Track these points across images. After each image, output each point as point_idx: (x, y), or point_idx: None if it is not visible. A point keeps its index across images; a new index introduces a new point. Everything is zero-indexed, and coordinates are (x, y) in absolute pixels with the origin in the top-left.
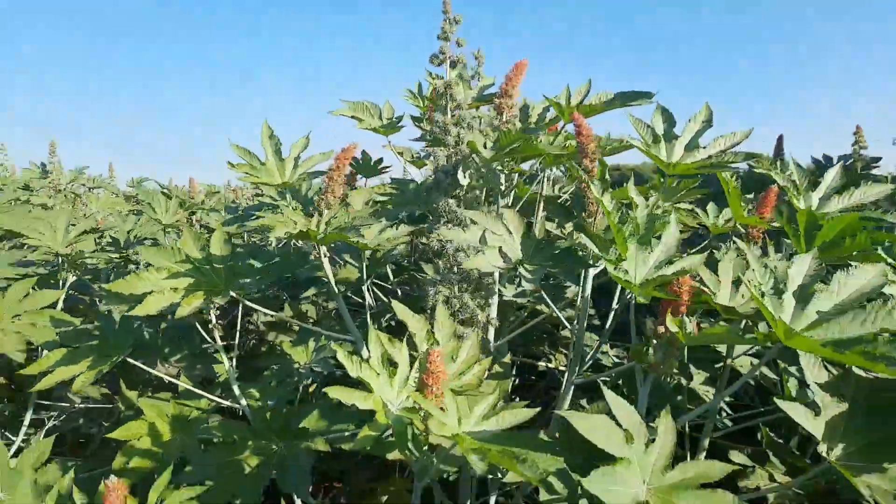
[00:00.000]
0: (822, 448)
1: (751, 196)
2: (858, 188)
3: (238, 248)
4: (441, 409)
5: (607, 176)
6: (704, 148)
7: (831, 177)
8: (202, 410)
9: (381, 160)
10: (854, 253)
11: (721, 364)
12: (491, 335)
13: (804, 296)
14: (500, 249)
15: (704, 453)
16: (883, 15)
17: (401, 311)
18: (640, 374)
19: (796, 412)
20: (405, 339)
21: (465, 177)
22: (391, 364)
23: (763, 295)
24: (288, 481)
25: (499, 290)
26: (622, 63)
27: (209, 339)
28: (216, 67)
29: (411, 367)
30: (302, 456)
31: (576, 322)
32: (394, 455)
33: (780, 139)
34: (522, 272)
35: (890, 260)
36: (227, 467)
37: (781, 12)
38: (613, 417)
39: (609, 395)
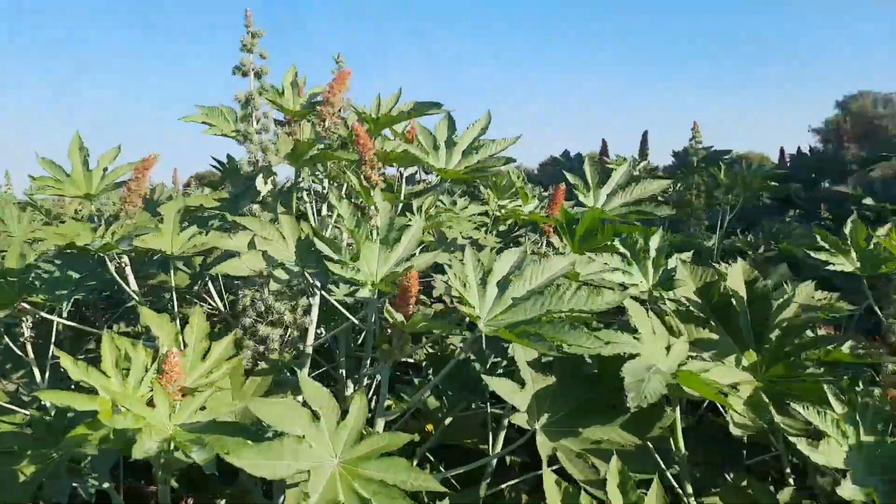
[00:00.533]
0: (520, 419)
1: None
2: (638, 185)
3: (49, 261)
4: (152, 406)
5: (379, 182)
6: (477, 153)
7: (618, 175)
8: (16, 424)
9: None
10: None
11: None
12: (310, 337)
13: (504, 284)
14: (264, 253)
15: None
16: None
17: (146, 315)
18: (382, 359)
19: (503, 388)
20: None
21: (265, 183)
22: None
23: (466, 285)
24: (52, 489)
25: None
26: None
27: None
28: None
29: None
30: (63, 465)
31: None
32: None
33: (645, 135)
34: (306, 274)
35: (622, 249)
36: (5, 476)
37: None
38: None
39: (302, 379)
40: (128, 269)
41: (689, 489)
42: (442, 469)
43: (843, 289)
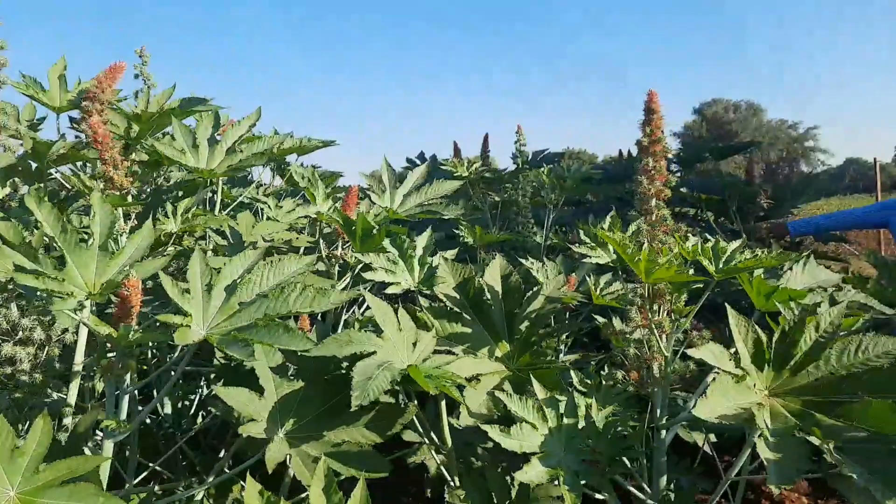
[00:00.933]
0: (253, 428)
1: None
2: (432, 185)
3: None
4: None
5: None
6: (241, 151)
7: (414, 176)
8: None
9: None
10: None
11: None
12: (78, 355)
13: (232, 289)
14: None
15: None
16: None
17: None
18: (102, 375)
19: (236, 398)
20: None
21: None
22: None
23: (183, 293)
24: None
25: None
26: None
27: None
28: None
29: None
30: None
31: None
32: None
33: (486, 138)
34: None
35: (391, 249)
36: None
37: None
38: None
39: None
40: None
41: (457, 482)
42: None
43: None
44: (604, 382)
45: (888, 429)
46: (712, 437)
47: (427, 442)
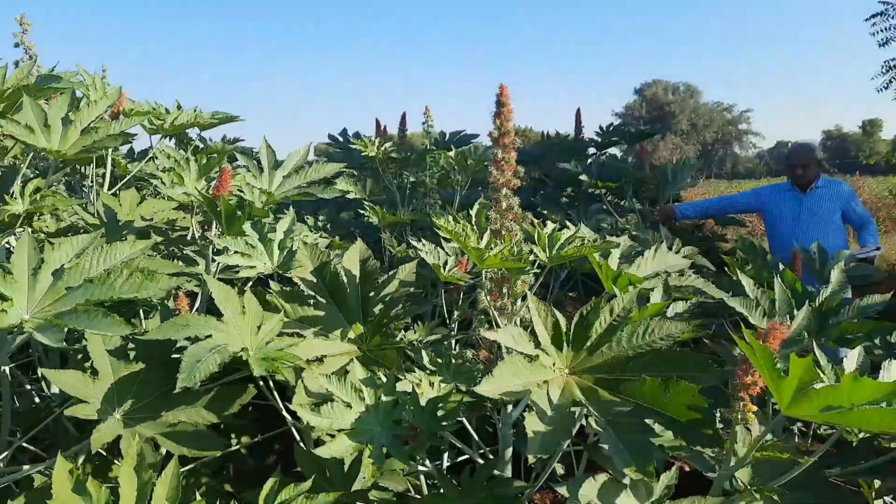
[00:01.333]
0: (83, 410)
1: None
2: (312, 167)
3: None
4: None
5: None
6: (98, 131)
7: (295, 158)
8: None
9: None
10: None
11: None
12: None
13: (59, 274)
14: None
15: None
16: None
17: None
18: None
19: (67, 381)
20: None
21: None
22: None
23: (11, 275)
24: None
25: None
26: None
27: None
28: None
29: None
30: None
31: None
32: None
33: (403, 117)
34: None
35: (250, 232)
36: None
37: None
38: None
39: None
40: None
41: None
42: None
43: None
44: (453, 361)
45: (656, 404)
46: None
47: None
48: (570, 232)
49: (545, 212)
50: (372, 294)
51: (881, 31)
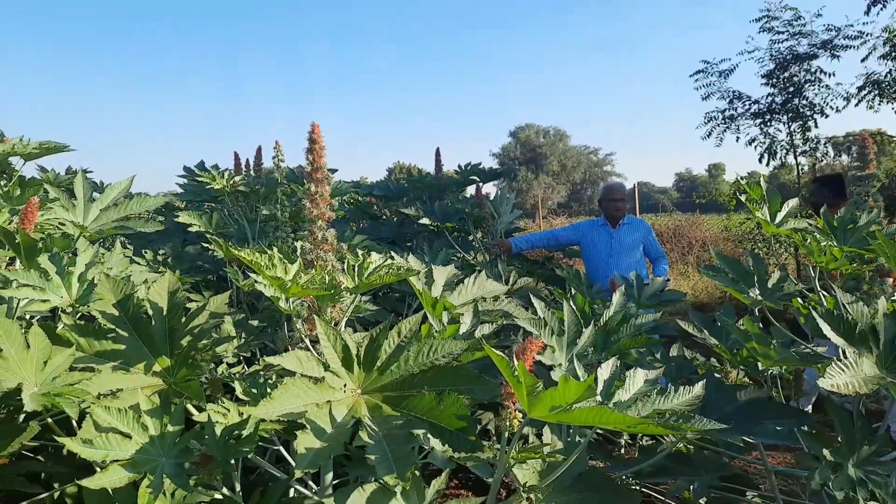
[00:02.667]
0: None
1: None
2: (133, 200)
3: None
4: None
5: None
6: None
7: (115, 191)
8: None
9: None
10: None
11: None
12: None
13: None
14: None
15: None
16: None
17: None
18: None
19: None
20: None
21: None
22: None
23: None
24: None
25: None
26: None
27: None
28: None
29: None
30: None
31: None
32: None
33: (259, 150)
34: None
35: (47, 265)
36: None
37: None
38: None
39: None
40: None
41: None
42: None
43: None
44: (269, 390)
45: (431, 416)
46: None
47: None
48: (380, 260)
49: (407, 244)
50: (179, 326)
51: (703, 86)
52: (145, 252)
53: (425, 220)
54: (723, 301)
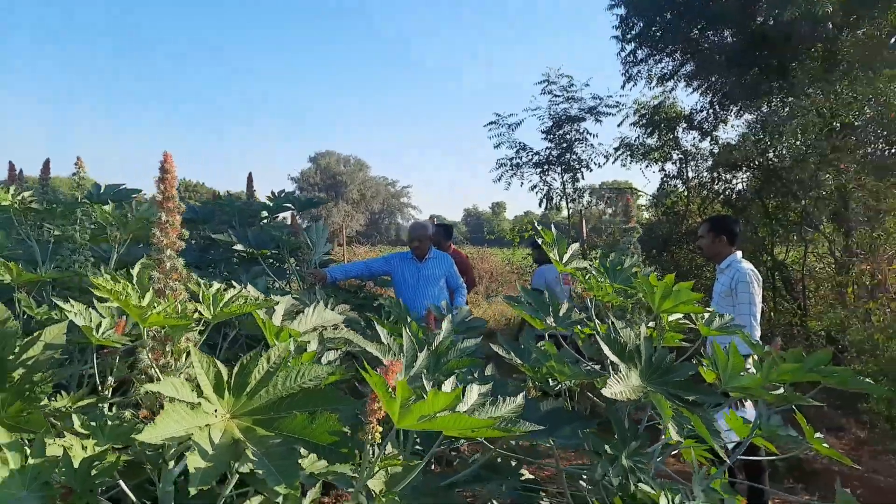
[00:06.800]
0: None
1: None
2: None
3: None
4: None
5: None
6: None
7: None
8: None
9: None
10: None
11: None
12: None
13: None
14: None
15: None
16: None
17: None
18: None
19: None
20: None
21: None
22: None
23: None
24: None
25: None
26: None
27: None
28: None
29: None
30: None
31: None
32: None
33: (48, 163)
34: None
35: None
36: None
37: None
38: None
39: None
40: None
41: None
42: None
43: None
44: (109, 423)
45: (305, 434)
46: None
47: None
48: (235, 291)
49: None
50: (11, 358)
51: (495, 136)
52: None
53: (239, 247)
54: (508, 326)
